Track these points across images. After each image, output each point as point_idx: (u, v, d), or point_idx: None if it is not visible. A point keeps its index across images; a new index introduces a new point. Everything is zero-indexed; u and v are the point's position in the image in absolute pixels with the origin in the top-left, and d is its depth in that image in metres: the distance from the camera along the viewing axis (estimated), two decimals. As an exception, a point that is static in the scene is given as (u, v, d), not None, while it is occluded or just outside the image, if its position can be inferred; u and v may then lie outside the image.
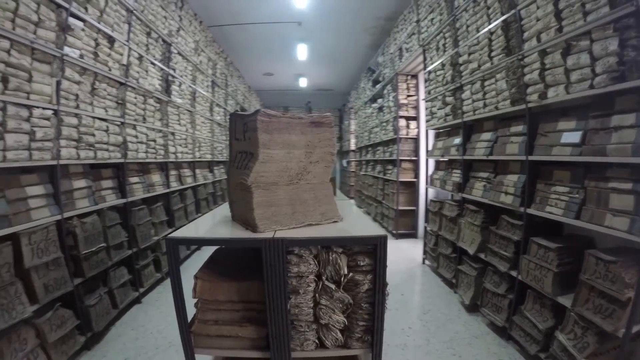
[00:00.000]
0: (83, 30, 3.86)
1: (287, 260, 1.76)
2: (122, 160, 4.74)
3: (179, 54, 6.57)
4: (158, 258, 5.47)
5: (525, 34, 3.40)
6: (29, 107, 3.19)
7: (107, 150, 4.42)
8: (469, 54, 4.49)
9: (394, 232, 8.06)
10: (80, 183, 3.95)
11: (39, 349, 2.94)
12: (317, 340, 1.86)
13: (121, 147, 4.75)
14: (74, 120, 3.81)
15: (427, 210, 6.07)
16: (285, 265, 1.74)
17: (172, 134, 6.41)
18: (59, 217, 3.46)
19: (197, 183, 7.58)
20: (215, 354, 1.95)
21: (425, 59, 6.17)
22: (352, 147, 15.01)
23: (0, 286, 2.67)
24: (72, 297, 3.43)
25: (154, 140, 5.72)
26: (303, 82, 14.47)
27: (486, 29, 4.07)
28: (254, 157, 1.82)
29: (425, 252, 6.11)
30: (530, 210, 3.27)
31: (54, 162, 3.47)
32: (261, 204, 1.88)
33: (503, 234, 3.66)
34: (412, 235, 7.97)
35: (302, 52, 10.20)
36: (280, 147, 1.87)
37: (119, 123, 4.70)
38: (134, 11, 4.80)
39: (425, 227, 5.98)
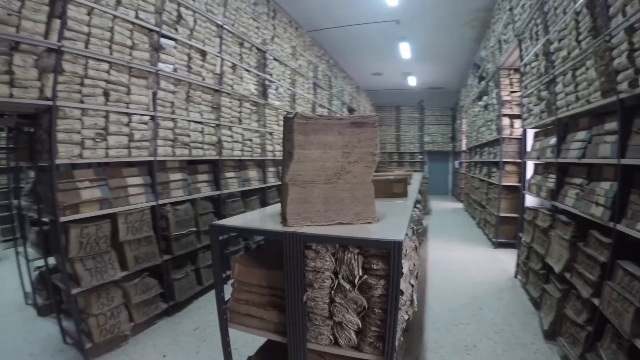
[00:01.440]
0: (175, 47, 4.60)
1: (304, 255, 1.83)
2: (217, 158, 5.45)
3: (275, 59, 7.19)
4: (249, 245, 6.10)
5: (611, 9, 2.77)
6: (128, 114, 3.98)
7: (201, 148, 5.15)
8: (559, 40, 3.96)
9: (493, 240, 7.50)
10: (177, 176, 4.71)
11: (123, 306, 3.70)
12: (331, 337, 1.87)
13: (216, 146, 5.47)
14: (170, 124, 4.56)
15: (522, 219, 5.45)
16: (302, 259, 1.82)
17: (270, 133, 7.05)
18: (153, 203, 4.22)
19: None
20: (243, 330, 2.11)
21: (521, 50, 5.62)
22: (463, 147, 14.17)
23: (97, 253, 3.50)
24: (159, 269, 4.17)
25: (250, 140, 6.40)
26: (412, 81, 14.22)
27: (572, 10, 3.57)
28: (291, 157, 1.98)
29: (517, 265, 5.56)
30: (620, 227, 2.60)
31: (151, 158, 4.24)
32: (295, 200, 2.00)
33: (590, 253, 3.04)
34: (513, 245, 7.05)
35: (405, 50, 10.10)
36: (316, 148, 1.94)
37: (214, 125, 5.42)
38: (224, 26, 5.47)
39: (520, 238, 5.40)
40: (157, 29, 4.23)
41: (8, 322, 4.19)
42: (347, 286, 1.78)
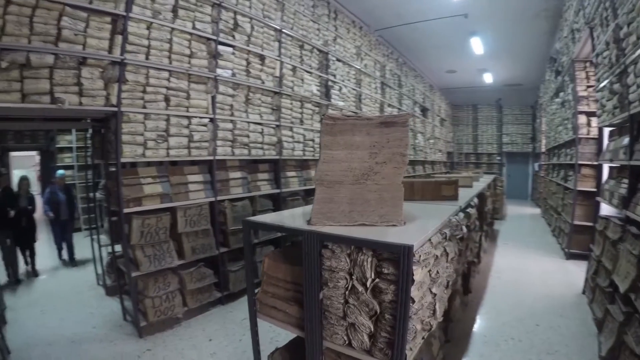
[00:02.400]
0: (233, 53, 4.91)
1: (321, 254, 1.84)
2: (277, 157, 5.69)
3: (338, 60, 7.28)
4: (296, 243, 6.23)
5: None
6: (188, 118, 4.34)
7: (261, 148, 5.42)
8: (628, 24, 3.49)
9: (566, 250, 6.75)
10: (236, 174, 5.02)
11: (178, 292, 4.08)
12: (345, 337, 1.84)
13: (276, 146, 5.71)
14: (229, 125, 4.88)
15: (593, 229, 4.80)
16: (319, 257, 1.83)
17: None
18: (212, 199, 4.56)
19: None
20: (269, 321, 2.20)
21: (593, 39, 5.01)
22: (543, 148, 12.79)
23: (157, 242, 3.93)
24: (215, 261, 4.50)
25: (312, 140, 6.55)
26: (488, 78, 13.29)
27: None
28: (319, 157, 2.08)
29: (585, 280, 4.93)
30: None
31: (210, 158, 4.58)
32: (321, 200, 2.02)
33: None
34: (586, 257, 6.11)
35: (476, 45, 9.55)
36: (343, 148, 1.98)
37: (274, 126, 5.67)
38: (282, 30, 5.69)
39: (590, 250, 4.78)
40: (214, 37, 4.56)
41: (79, 299, 4.97)
42: (360, 288, 1.74)
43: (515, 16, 8.02)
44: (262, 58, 5.40)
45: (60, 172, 7.15)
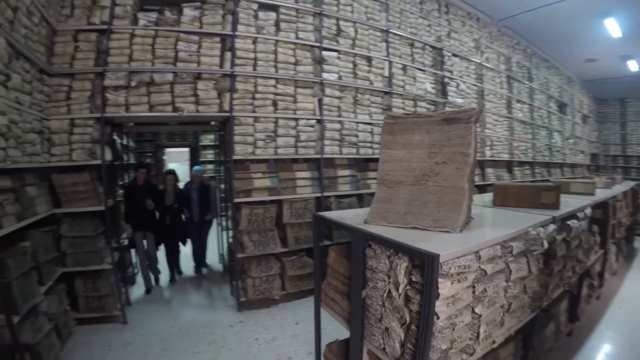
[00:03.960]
0: (338, 58, 4.89)
1: (364, 252, 1.77)
2: (387, 156, 5.45)
3: (454, 55, 6.65)
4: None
5: None
6: (295, 119, 4.47)
7: (370, 147, 5.27)
8: None
9: None
10: (345, 172, 4.99)
11: (278, 276, 4.28)
12: (381, 340, 1.70)
13: (386, 145, 5.46)
14: (337, 126, 4.87)
15: None
16: (363, 256, 1.76)
17: None
18: (318, 195, 4.62)
19: (486, 182, 7.17)
20: (328, 312, 2.18)
21: None
22: None
23: (262, 230, 4.20)
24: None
25: (426, 138, 6.09)
26: (633, 66, 10.29)
27: None
28: (380, 157, 2.00)
29: None
30: None
31: (318, 156, 4.62)
32: (379, 199, 1.94)
33: None
34: None
35: (612, 27, 7.61)
36: (401, 147, 1.87)
37: (383, 125, 5.44)
38: (389, 30, 5.45)
39: None
40: (317, 44, 4.62)
41: (201, 275, 5.65)
42: (394, 293, 1.58)
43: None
44: (369, 59, 5.25)
45: (196, 168, 5.89)
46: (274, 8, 4.36)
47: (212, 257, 6.14)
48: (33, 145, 3.20)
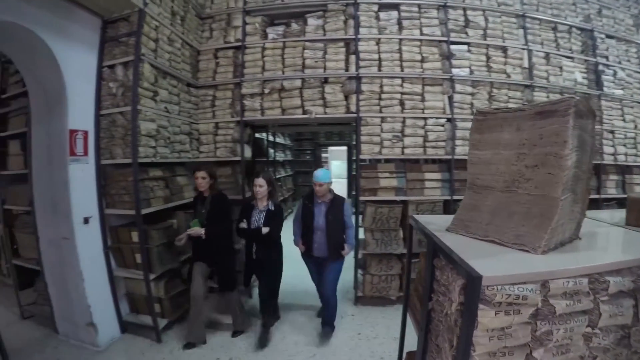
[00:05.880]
0: (469, 51, 4.50)
1: (433, 262, 1.63)
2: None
3: (609, 37, 5.54)
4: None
5: None
6: (424, 119, 4.22)
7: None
8: None
9: None
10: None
11: (397, 277, 4.18)
12: (436, 357, 1.52)
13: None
14: (469, 125, 4.41)
15: None
16: (432, 265, 1.61)
17: (611, 132, 5.35)
18: (447, 197, 4.27)
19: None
20: (410, 318, 2.08)
21: None
22: None
23: (386, 229, 4.10)
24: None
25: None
26: None
27: None
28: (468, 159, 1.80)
29: None
30: None
31: (448, 157, 4.26)
32: (465, 206, 1.72)
33: None
34: None
35: None
36: (489, 148, 1.62)
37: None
38: (525, 14, 4.83)
39: None
40: (444, 38, 4.33)
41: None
42: (448, 311, 1.34)
43: None
44: (504, 50, 4.71)
45: (319, 172, 3.40)
46: (394, 7, 4.27)
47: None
48: (182, 144, 4.04)
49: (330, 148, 13.07)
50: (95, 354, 3.25)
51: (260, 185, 3.32)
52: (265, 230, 3.25)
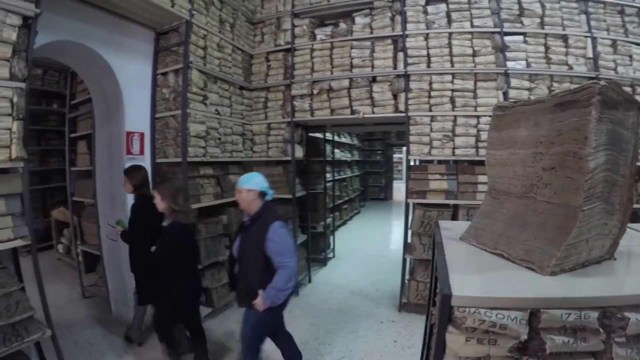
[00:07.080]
0: (525, 42, 4.18)
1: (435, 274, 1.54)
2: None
3: (693, 16, 4.95)
4: None
5: None
6: (476, 117, 3.98)
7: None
8: None
9: None
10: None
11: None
12: None
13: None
14: (527, 121, 4.13)
15: None
16: (435, 277, 1.54)
17: None
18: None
19: None
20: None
21: None
22: None
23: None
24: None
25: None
26: None
27: None
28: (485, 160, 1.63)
29: None
30: None
31: (503, 157, 3.99)
32: (481, 213, 1.54)
33: None
34: None
35: None
36: (505, 147, 1.41)
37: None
38: (587, -2, 4.42)
39: None
40: (497, 29, 4.06)
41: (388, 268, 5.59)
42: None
43: None
44: (564, 39, 4.33)
45: None
46: (442, -1, 4.06)
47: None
48: (234, 144, 4.22)
49: (404, 148, 13.13)
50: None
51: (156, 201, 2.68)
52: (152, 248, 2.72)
